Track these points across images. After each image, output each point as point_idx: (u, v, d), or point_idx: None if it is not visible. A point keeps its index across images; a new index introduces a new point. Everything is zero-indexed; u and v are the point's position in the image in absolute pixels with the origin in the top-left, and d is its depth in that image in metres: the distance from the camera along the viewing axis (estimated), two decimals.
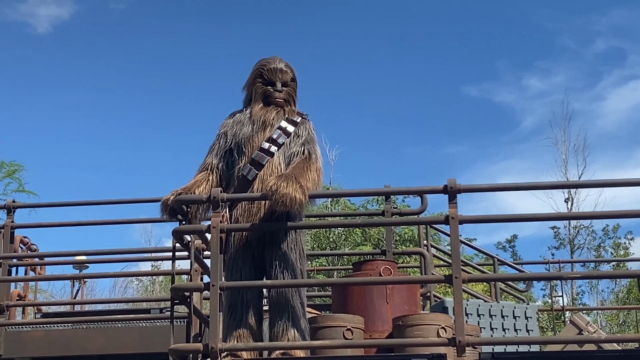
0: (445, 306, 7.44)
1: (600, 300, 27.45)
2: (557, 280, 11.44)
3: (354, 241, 23.76)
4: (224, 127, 6.20)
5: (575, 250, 27.04)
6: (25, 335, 7.97)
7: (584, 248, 27.25)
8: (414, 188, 6.93)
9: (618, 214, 7.82)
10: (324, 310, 7.77)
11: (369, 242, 23.18)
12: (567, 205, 26.52)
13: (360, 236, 23.78)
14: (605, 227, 27.56)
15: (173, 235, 5.91)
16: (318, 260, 22.14)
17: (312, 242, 23.98)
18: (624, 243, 27.64)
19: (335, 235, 24.08)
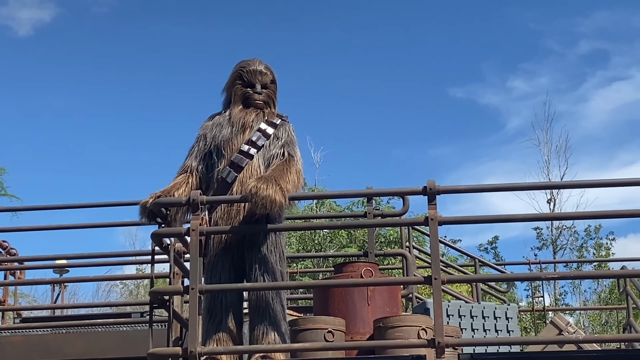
0: (426, 307, 7.43)
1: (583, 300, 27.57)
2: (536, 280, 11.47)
3: (340, 243, 23.80)
4: (203, 129, 6.18)
5: (557, 251, 27.13)
6: (3, 340, 7.94)
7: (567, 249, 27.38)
8: (394, 190, 6.93)
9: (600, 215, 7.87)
10: (307, 312, 7.75)
11: (355, 244, 23.21)
12: (550, 206, 26.62)
13: (345, 238, 23.81)
14: (587, 228, 27.72)
15: (152, 239, 5.89)
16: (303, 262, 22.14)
17: (297, 244, 24.00)
18: (605, 244, 27.79)
19: (320, 237, 24.10)
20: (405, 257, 9.12)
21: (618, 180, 5.93)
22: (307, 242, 24.04)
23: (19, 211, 17.03)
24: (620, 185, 5.87)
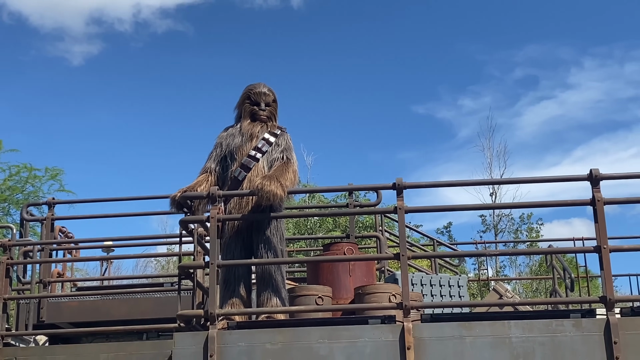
0: (395, 278, 7.43)
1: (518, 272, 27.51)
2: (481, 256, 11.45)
3: (327, 228, 23.75)
4: (219, 138, 6.19)
5: (498, 234, 27.11)
6: (63, 305, 7.90)
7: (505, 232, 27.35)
8: (370, 185, 6.94)
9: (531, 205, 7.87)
10: (302, 282, 7.75)
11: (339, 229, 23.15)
12: (492, 198, 26.60)
13: (331, 224, 23.76)
14: (521, 215, 27.63)
15: (180, 225, 5.88)
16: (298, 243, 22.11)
17: (293, 229, 23.94)
18: (535, 227, 27.73)
19: (311, 223, 24.06)
20: (378, 238, 9.13)
21: (545, 177, 5.96)
22: (301, 227, 23.99)
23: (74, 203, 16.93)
24: (546, 181, 5.89)
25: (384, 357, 5.02)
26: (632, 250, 5.70)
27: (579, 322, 5.06)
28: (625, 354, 4.94)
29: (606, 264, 5.14)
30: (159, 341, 7.02)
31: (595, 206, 5.24)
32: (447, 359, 5.00)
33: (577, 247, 9.97)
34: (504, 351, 5.00)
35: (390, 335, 5.07)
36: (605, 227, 5.21)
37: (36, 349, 7.58)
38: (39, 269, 8.44)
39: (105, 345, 6.89)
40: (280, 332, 5.17)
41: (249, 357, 5.10)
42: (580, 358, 4.96)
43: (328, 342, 5.09)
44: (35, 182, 21.74)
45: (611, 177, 5.49)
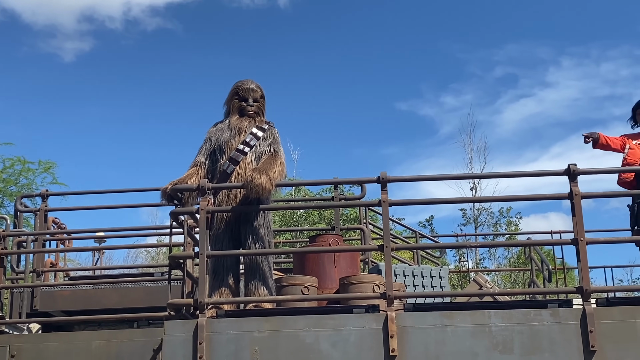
0: (379, 269, 7.44)
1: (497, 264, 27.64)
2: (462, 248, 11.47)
3: (312, 220, 23.74)
4: (209, 133, 6.17)
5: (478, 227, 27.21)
6: (56, 294, 7.85)
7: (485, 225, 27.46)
8: (354, 179, 6.93)
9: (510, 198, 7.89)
10: (289, 273, 7.74)
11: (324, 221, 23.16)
12: (472, 192, 26.69)
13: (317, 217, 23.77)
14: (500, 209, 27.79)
15: (170, 216, 5.86)
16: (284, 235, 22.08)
17: (280, 222, 23.91)
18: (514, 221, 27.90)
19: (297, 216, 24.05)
20: (363, 231, 9.13)
21: (525, 172, 5.99)
22: (287, 220, 23.97)
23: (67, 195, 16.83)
24: (526, 175, 5.91)
25: (367, 345, 5.03)
26: (607, 242, 5.74)
27: (556, 312, 5.09)
28: (601, 342, 4.97)
29: (583, 255, 5.17)
30: (150, 329, 7.00)
31: (573, 200, 5.27)
32: (428, 347, 5.01)
33: (554, 239, 10.02)
34: (483, 339, 5.01)
35: (374, 324, 5.07)
36: (582, 220, 5.24)
37: (29, 336, 7.54)
38: (32, 259, 8.37)
39: (97, 333, 6.85)
40: (268, 321, 5.16)
41: (237, 344, 5.09)
42: (557, 346, 4.99)
43: (314, 331, 5.09)
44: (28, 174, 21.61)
45: (588, 172, 5.52)
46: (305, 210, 23.94)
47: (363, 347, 5.03)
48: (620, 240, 6.70)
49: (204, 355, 5.04)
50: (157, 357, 6.28)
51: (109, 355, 6.45)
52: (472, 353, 4.99)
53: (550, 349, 4.99)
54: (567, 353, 4.98)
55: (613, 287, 9.08)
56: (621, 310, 5.11)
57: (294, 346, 5.06)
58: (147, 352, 6.42)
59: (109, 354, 6.45)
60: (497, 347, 5.00)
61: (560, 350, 4.98)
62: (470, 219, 27.76)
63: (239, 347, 5.08)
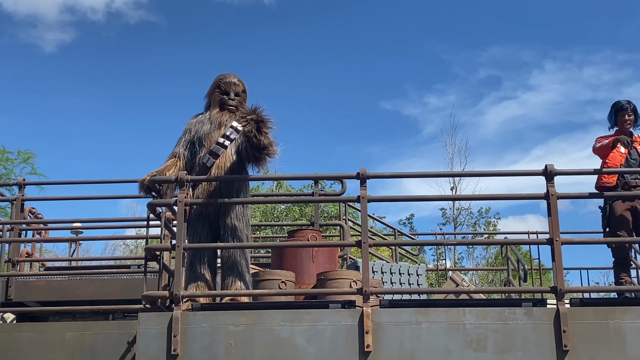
0: (357, 265, 7.46)
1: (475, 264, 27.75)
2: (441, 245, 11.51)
3: (293, 217, 23.73)
4: (189, 125, 6.13)
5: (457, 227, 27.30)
6: (31, 284, 7.79)
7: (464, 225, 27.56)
8: (335, 174, 6.92)
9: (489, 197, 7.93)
10: (266, 267, 7.73)
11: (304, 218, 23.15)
12: (452, 192, 26.76)
13: (298, 213, 23.76)
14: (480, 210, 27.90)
15: (148, 208, 5.83)
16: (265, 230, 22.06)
17: (260, 217, 23.87)
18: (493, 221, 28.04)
19: (278, 212, 24.01)
20: (342, 227, 9.14)
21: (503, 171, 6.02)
22: (268, 216, 23.94)
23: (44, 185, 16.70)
24: (504, 175, 5.95)
25: (343, 340, 5.03)
26: (582, 243, 5.79)
27: (530, 311, 5.12)
28: (574, 342, 5.01)
29: (558, 255, 5.21)
30: (125, 321, 6.97)
31: (549, 200, 5.30)
32: (403, 343, 5.03)
33: (530, 239, 10.08)
34: (458, 336, 5.04)
35: (350, 320, 5.08)
36: (558, 221, 5.28)
37: (3, 326, 7.49)
38: (7, 249, 8.30)
39: (71, 324, 6.81)
40: (243, 315, 5.15)
41: (212, 338, 5.07)
42: (530, 345, 5.02)
43: (289, 325, 5.08)
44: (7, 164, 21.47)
45: (564, 173, 5.56)
46: (286, 207, 23.93)
47: (338, 342, 5.03)
48: (594, 241, 6.76)
49: (178, 348, 5.02)
50: (132, 349, 6.26)
51: (83, 346, 6.42)
52: (446, 350, 5.01)
53: (524, 348, 5.02)
54: (540, 352, 5.02)
55: (587, 287, 9.16)
56: (595, 310, 5.16)
57: (269, 341, 5.06)
58: (122, 344, 6.40)
59: (83, 345, 6.43)
60: (471, 345, 5.02)
61: (533, 349, 5.02)
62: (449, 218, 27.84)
63: (213, 341, 5.07)
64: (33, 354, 6.44)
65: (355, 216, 19.00)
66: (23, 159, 21.57)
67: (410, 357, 5.01)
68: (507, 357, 5.00)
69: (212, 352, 5.04)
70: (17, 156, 21.51)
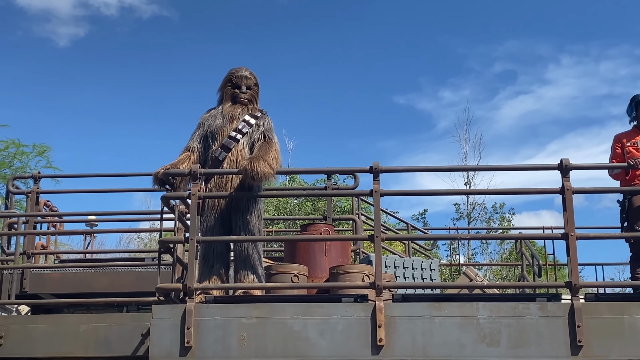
0: (370, 260, 7.44)
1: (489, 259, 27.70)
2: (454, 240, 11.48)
3: (306, 211, 23.75)
4: (202, 119, 6.14)
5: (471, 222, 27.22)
6: (46, 276, 7.84)
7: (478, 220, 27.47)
8: (347, 168, 6.90)
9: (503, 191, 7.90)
10: (279, 261, 7.74)
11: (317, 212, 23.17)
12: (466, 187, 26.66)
13: (310, 208, 23.78)
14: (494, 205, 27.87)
15: (162, 201, 5.84)
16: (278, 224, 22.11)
17: (273, 211, 23.92)
18: (507, 217, 27.96)
19: (291, 206, 24.04)
20: (355, 221, 9.12)
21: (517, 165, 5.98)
22: (281, 210, 23.98)
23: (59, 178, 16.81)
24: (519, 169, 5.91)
25: (355, 334, 5.02)
26: (598, 238, 5.75)
27: (544, 306, 5.09)
28: (588, 337, 4.98)
29: (572, 250, 5.17)
30: (139, 314, 7.00)
31: (565, 194, 5.26)
32: (416, 338, 5.01)
33: (545, 234, 10.03)
34: (471, 331, 5.01)
35: (362, 313, 5.07)
36: (573, 215, 5.24)
37: (18, 318, 7.53)
38: (23, 241, 8.36)
39: (85, 316, 6.85)
40: (256, 307, 5.15)
41: (224, 330, 5.08)
42: (544, 340, 4.99)
43: (302, 318, 5.08)
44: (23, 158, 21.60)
45: (580, 167, 5.52)
46: (299, 201, 23.95)
47: (351, 336, 5.02)
48: (610, 236, 6.71)
49: (191, 340, 5.04)
50: (145, 341, 6.28)
51: (97, 338, 6.46)
52: (460, 344, 4.99)
53: (538, 343, 4.99)
54: (554, 347, 4.99)
55: (602, 282, 9.10)
56: (609, 306, 5.12)
57: (282, 333, 5.06)
58: (136, 336, 6.43)
59: (97, 337, 6.46)
60: (484, 340, 5.00)
61: (547, 344, 4.99)
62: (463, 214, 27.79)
63: (226, 333, 5.08)
64: (47, 346, 6.49)
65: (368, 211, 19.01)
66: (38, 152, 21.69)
67: (423, 351, 4.99)
68: (521, 352, 4.98)
69: (225, 345, 5.05)
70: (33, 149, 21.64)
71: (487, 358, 5.01)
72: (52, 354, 6.46)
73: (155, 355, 5.10)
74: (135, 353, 6.39)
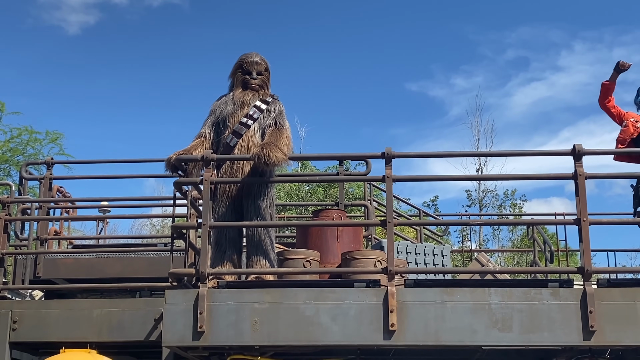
0: (382, 245, 7.43)
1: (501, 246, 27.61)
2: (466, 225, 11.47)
3: (318, 198, 23.76)
4: (214, 106, 6.15)
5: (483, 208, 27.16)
6: (59, 262, 7.89)
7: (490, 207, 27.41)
8: (359, 154, 6.87)
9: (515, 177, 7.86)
10: (292, 247, 7.75)
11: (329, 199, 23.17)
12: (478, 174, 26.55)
13: (322, 194, 23.78)
14: (505, 192, 27.74)
15: (174, 186, 5.86)
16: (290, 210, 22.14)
17: (285, 198, 23.95)
18: (519, 204, 27.86)
19: (303, 192, 24.06)
20: (367, 207, 9.12)
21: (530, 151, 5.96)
22: (293, 197, 24.01)
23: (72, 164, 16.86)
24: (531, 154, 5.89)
25: (367, 318, 5.04)
26: (610, 223, 5.73)
27: (556, 291, 5.08)
28: (600, 323, 4.97)
29: (585, 236, 5.15)
30: (152, 299, 7.05)
31: (577, 180, 5.24)
32: (428, 323, 5.02)
33: (558, 219, 9.99)
34: (483, 317, 5.02)
35: (375, 299, 5.08)
36: (586, 201, 5.22)
37: (32, 303, 7.59)
38: (36, 227, 8.42)
39: (99, 301, 6.90)
40: (269, 293, 5.17)
41: (237, 315, 5.11)
42: (556, 325, 4.99)
43: (314, 303, 5.10)
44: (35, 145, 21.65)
45: (593, 153, 5.49)
46: (311, 187, 23.97)
47: (363, 321, 5.04)
48: (622, 222, 6.69)
49: (204, 325, 5.06)
50: (158, 326, 6.33)
51: (110, 323, 6.51)
52: (471, 330, 5.00)
53: (550, 328, 4.99)
54: (567, 333, 4.99)
55: (614, 268, 9.07)
56: (622, 291, 5.11)
57: (294, 318, 5.08)
58: (149, 321, 6.48)
59: (110, 322, 6.52)
60: (496, 325, 5.00)
61: (559, 329, 4.99)
62: (475, 200, 27.71)
63: (239, 318, 5.10)
64: (61, 330, 6.55)
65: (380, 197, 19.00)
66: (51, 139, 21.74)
67: (435, 336, 5.00)
68: (533, 338, 4.98)
69: (237, 329, 5.08)
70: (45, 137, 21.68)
71: (499, 343, 5.02)
72: (65, 339, 6.52)
73: (168, 340, 5.13)
74: (148, 338, 6.44)
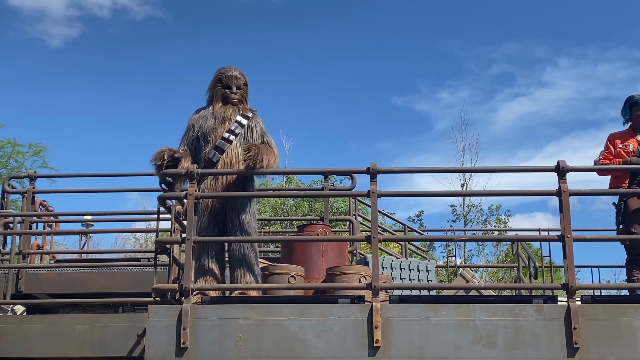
0: (367, 261, 7.43)
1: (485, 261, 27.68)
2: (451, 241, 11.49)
3: (302, 212, 23.74)
4: (191, 120, 6.10)
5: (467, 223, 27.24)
6: (41, 276, 7.82)
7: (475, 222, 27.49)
8: (345, 169, 6.87)
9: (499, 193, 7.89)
10: (276, 262, 7.73)
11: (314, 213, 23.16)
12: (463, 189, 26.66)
13: (307, 208, 23.76)
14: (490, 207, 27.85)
15: (158, 201, 5.83)
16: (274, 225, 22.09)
17: (270, 212, 23.90)
18: (503, 219, 27.97)
19: (288, 207, 24.03)
20: (352, 222, 9.11)
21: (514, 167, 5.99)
22: (277, 211, 23.97)
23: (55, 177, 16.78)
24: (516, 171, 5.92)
25: (352, 334, 5.02)
26: (594, 240, 5.76)
27: (540, 308, 5.09)
28: (585, 339, 4.98)
29: (569, 252, 5.17)
30: (134, 314, 6.99)
31: (561, 197, 5.27)
32: (413, 339, 5.01)
33: (542, 236, 10.03)
34: (467, 333, 5.02)
35: (359, 314, 5.07)
36: (570, 218, 5.24)
37: (14, 318, 7.52)
38: (18, 241, 8.34)
39: (81, 316, 6.83)
40: (253, 308, 5.15)
41: (221, 331, 5.08)
42: (540, 342, 5.00)
43: (299, 319, 5.08)
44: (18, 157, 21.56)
45: (577, 169, 5.52)
46: (295, 202, 23.95)
47: (347, 337, 5.02)
48: (606, 238, 6.72)
49: (187, 341, 5.03)
50: (141, 342, 6.27)
51: (92, 339, 6.45)
52: (456, 346, 5.00)
53: (534, 345, 4.99)
54: (551, 349, 4.99)
55: (598, 284, 9.10)
56: (606, 308, 5.12)
57: (278, 334, 5.05)
58: (131, 337, 6.42)
59: (92, 337, 6.45)
60: (480, 341, 5.00)
61: (543, 346, 4.99)
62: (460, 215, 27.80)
63: (223, 334, 5.07)
64: (43, 346, 6.47)
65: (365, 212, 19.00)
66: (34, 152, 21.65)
67: (419, 352, 4.99)
68: (517, 354, 4.98)
69: (221, 345, 5.05)
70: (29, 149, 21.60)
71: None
72: (47, 354, 6.45)
73: (150, 356, 5.09)
74: (131, 354, 6.38)
